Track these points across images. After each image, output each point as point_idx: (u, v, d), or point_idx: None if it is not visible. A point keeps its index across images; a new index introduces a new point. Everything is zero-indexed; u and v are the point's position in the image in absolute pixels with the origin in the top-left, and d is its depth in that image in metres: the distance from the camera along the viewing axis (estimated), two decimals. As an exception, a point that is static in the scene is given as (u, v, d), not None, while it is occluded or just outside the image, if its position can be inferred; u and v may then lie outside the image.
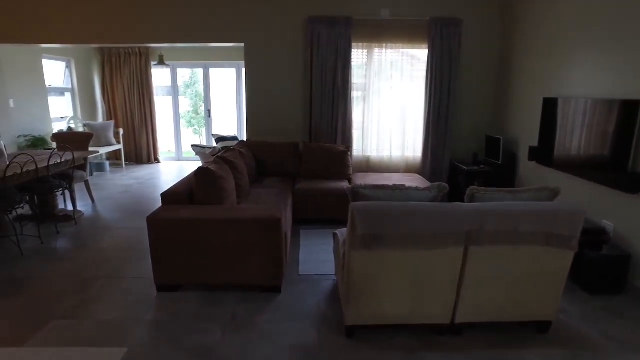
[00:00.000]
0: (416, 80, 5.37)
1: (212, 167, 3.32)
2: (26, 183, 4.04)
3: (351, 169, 5.00)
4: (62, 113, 7.24)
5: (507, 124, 5.06)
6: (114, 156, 8.19)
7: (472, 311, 2.43)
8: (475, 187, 2.45)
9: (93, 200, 5.41)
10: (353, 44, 5.17)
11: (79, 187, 5.78)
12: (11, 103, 5.85)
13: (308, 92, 5.26)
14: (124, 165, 7.92)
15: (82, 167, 5.07)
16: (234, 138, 7.01)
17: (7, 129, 5.66)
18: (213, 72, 8.25)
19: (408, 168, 5.52)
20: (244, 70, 8.38)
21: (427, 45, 5.15)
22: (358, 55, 5.33)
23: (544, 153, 4.11)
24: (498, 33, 5.18)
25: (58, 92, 7.20)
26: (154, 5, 5.18)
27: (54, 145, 6.18)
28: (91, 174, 7.05)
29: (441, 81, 5.16)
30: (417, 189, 2.42)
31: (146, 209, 5.04)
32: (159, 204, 3.26)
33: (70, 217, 4.67)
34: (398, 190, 2.39)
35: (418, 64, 5.35)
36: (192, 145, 5.76)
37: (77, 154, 4.73)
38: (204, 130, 10.43)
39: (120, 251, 3.80)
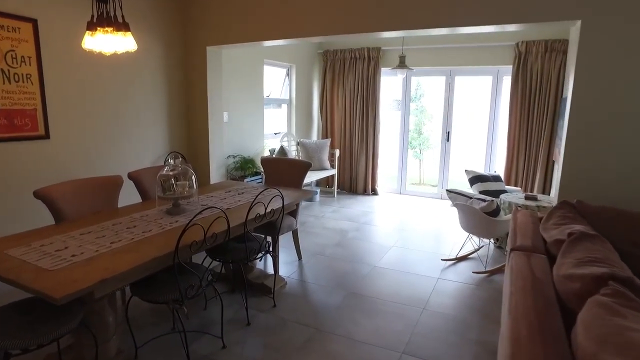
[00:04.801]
0: None
1: (610, 298, 1.03)
2: (214, 247, 2.56)
3: None
4: (275, 128, 6.16)
5: None
6: (324, 182, 6.81)
7: None
8: None
9: (300, 257, 3.82)
10: None
11: (284, 237, 4.29)
12: (225, 117, 4.84)
13: None
14: (335, 195, 6.43)
15: (293, 212, 3.49)
16: (497, 178, 4.63)
17: (219, 147, 4.62)
18: (459, 80, 6.05)
19: None
20: (505, 78, 5.96)
21: None
22: None
23: None
24: None
25: (274, 104, 6.15)
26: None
27: (261, 168, 4.96)
28: (299, 205, 5.70)
29: None
30: None
31: (368, 295, 3.11)
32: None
33: (269, 291, 3.09)
34: None
35: None
36: (448, 191, 3.65)
37: (288, 194, 3.13)
38: (430, 154, 8.37)
39: None
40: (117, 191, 2.76)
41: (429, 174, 8.32)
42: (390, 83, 6.61)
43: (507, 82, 5.72)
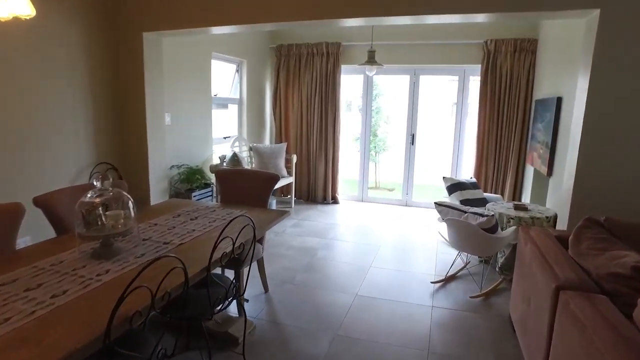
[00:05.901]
0: None
1: None
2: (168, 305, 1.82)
3: None
4: (224, 132, 5.40)
5: None
6: (278, 191, 6.15)
7: None
8: None
9: (266, 289, 3.15)
10: None
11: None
12: (167, 118, 4.04)
13: None
14: (293, 205, 5.80)
15: (260, 239, 2.83)
16: (475, 185, 4.27)
17: (160, 156, 3.81)
18: (424, 80, 5.68)
19: None
20: (472, 78, 5.68)
21: None
22: None
23: None
24: None
25: (221, 105, 5.39)
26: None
27: (212, 179, 4.23)
28: (255, 220, 4.99)
29: None
30: None
31: (358, 337, 2.53)
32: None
33: (235, 342, 2.40)
34: None
35: None
36: (438, 204, 3.19)
37: (255, 217, 2.45)
38: (385, 157, 8.01)
39: None
40: (14, 225, 1.93)
41: (385, 178, 7.97)
42: (344, 82, 6.08)
43: (474, 82, 5.45)
